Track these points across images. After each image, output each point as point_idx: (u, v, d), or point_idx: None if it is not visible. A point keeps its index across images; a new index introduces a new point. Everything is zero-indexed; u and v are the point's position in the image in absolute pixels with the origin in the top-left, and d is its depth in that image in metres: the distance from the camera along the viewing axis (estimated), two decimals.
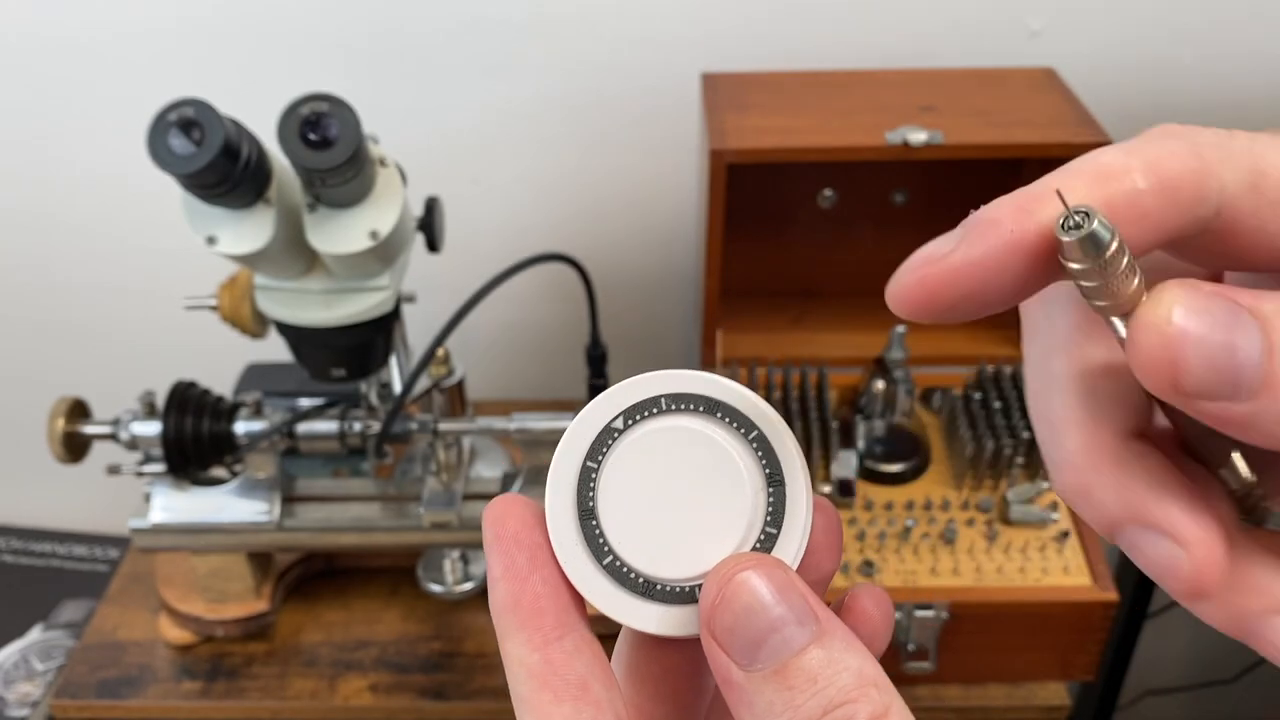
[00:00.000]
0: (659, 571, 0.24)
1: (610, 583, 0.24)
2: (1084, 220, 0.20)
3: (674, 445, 0.25)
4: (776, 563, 0.23)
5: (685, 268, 1.07)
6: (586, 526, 0.25)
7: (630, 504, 0.25)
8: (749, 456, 0.25)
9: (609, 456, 0.25)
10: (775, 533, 0.25)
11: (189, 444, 0.81)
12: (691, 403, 0.25)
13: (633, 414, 0.25)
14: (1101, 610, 0.78)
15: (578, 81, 0.97)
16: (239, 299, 0.77)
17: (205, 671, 0.87)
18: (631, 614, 0.24)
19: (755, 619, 0.22)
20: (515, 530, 0.25)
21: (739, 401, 0.25)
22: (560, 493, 0.25)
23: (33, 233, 1.05)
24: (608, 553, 0.25)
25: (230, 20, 0.94)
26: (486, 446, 0.94)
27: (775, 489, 0.25)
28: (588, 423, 0.25)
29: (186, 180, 0.63)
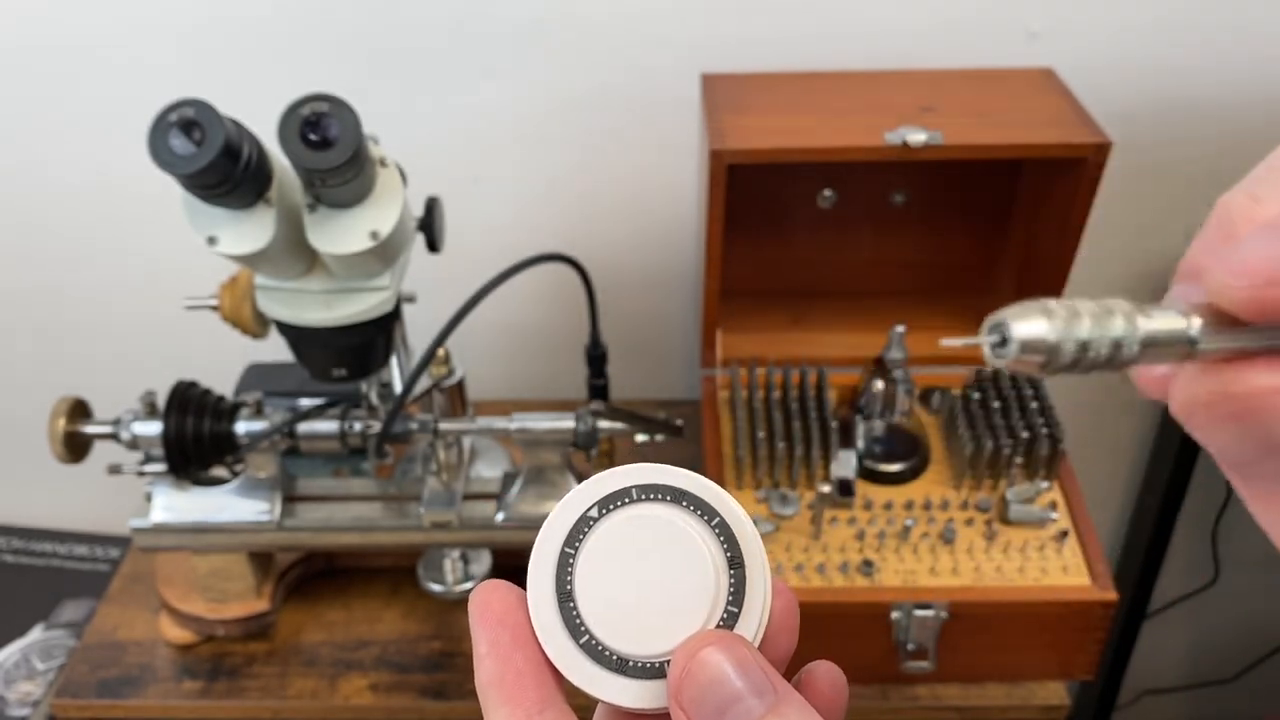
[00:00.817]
0: (631, 649, 0.26)
1: (587, 660, 0.26)
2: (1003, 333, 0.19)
3: (644, 531, 0.27)
4: (737, 638, 0.25)
5: (685, 268, 1.07)
6: (564, 608, 0.27)
7: (604, 586, 0.27)
8: (712, 541, 0.27)
9: (585, 543, 0.27)
10: (737, 611, 0.26)
11: (190, 444, 0.81)
12: (660, 492, 0.27)
13: (606, 503, 0.27)
14: (1100, 610, 0.78)
15: (578, 81, 0.97)
16: (240, 299, 0.77)
17: (206, 671, 0.87)
18: (607, 689, 0.26)
19: (717, 691, 0.24)
20: (500, 611, 0.27)
21: (702, 490, 0.27)
22: (540, 577, 0.27)
23: (34, 233, 1.05)
24: (584, 632, 0.26)
25: (231, 21, 0.94)
26: (486, 446, 0.95)
27: (736, 571, 0.27)
28: (566, 511, 0.27)
29: (187, 180, 0.63)
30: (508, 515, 0.85)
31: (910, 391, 0.89)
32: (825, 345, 0.96)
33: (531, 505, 0.85)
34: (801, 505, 0.84)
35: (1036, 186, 0.92)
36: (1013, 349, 0.19)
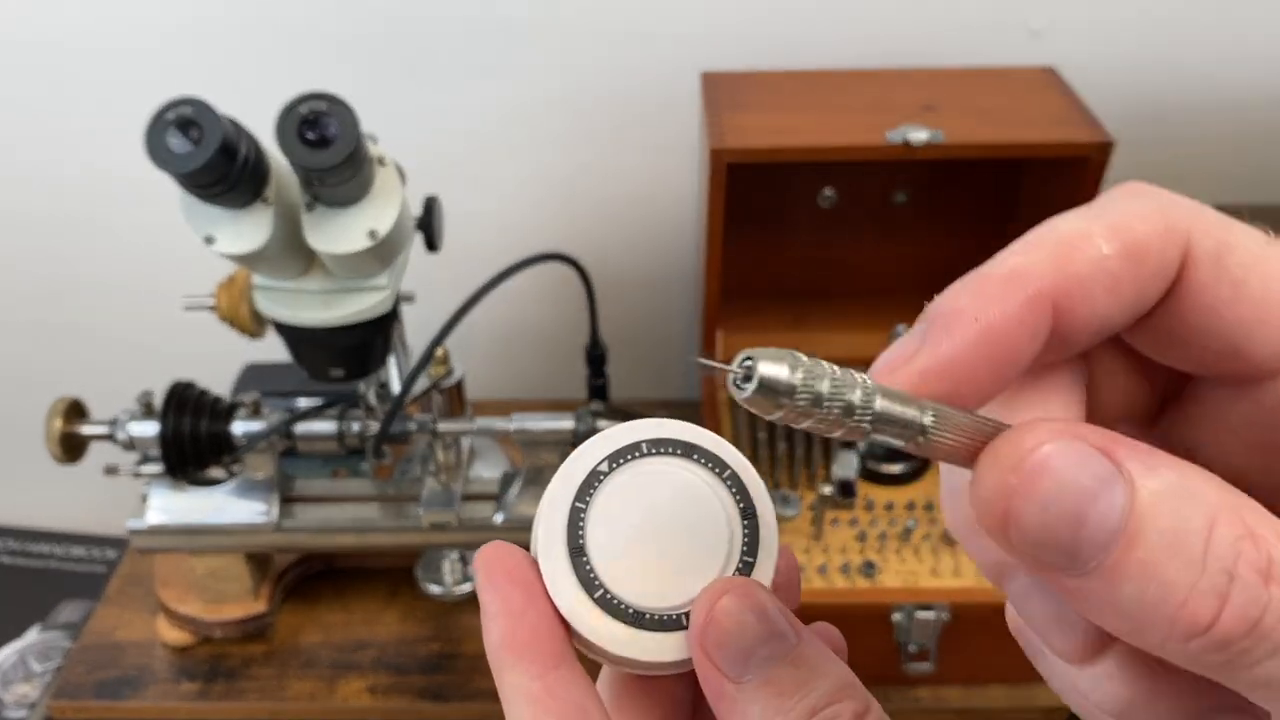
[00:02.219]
0: (648, 602, 0.26)
1: (603, 615, 0.26)
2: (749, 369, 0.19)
3: (656, 485, 0.27)
4: (757, 584, 0.25)
5: (685, 268, 1.07)
6: (577, 563, 0.26)
7: (618, 540, 0.26)
8: (725, 493, 0.27)
9: (596, 497, 0.27)
10: (752, 560, 0.26)
11: (187, 444, 0.81)
12: (670, 446, 0.27)
13: (617, 458, 0.27)
14: None
15: (578, 81, 0.97)
16: (237, 299, 0.77)
17: (203, 672, 0.87)
18: (623, 644, 0.26)
19: (742, 634, 0.24)
20: (509, 569, 0.26)
21: (713, 445, 0.27)
22: (551, 532, 0.26)
23: (30, 232, 1.05)
24: (598, 586, 0.26)
25: (229, 19, 0.94)
26: (486, 447, 0.94)
27: (749, 521, 0.27)
28: (575, 466, 0.27)
29: (184, 179, 0.63)
30: (507, 516, 0.84)
31: None
32: (825, 345, 0.96)
33: (531, 506, 0.84)
34: (802, 506, 0.84)
35: (1038, 185, 0.91)
36: (752, 386, 0.19)
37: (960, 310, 0.20)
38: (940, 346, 0.20)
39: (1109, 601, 0.17)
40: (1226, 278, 0.20)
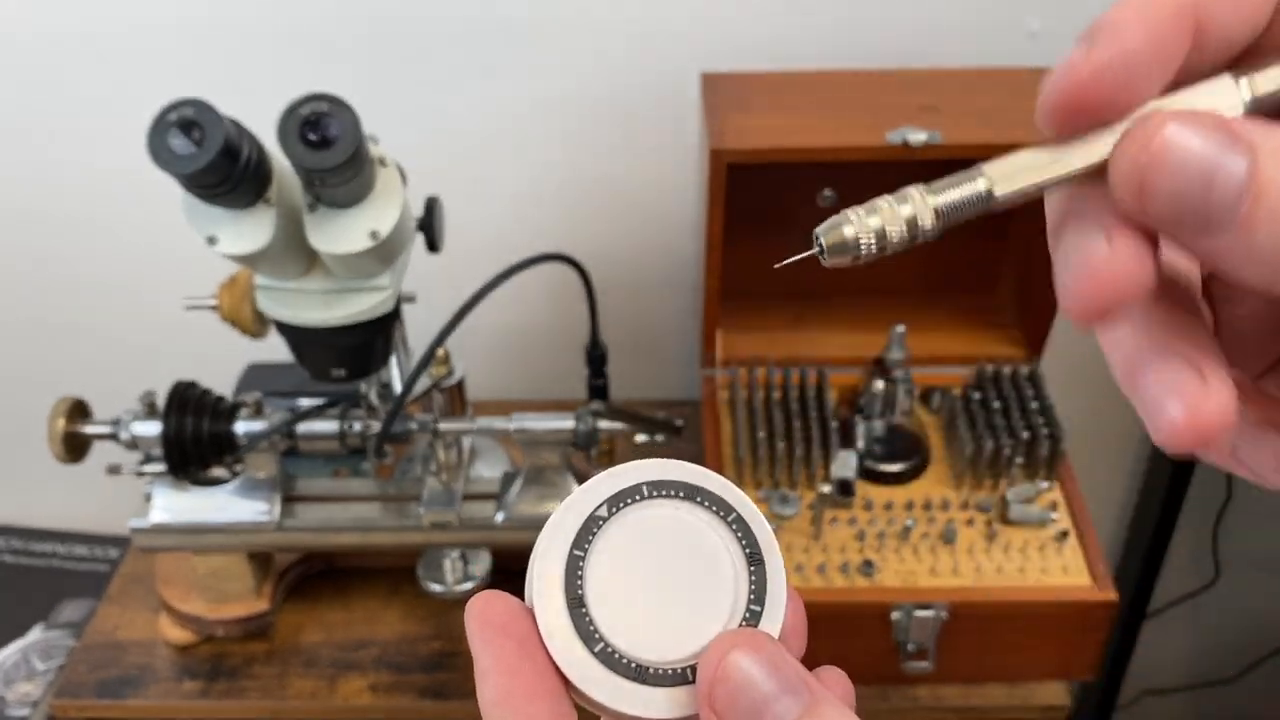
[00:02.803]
0: (650, 655, 0.25)
1: (604, 670, 0.25)
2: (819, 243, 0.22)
3: (658, 530, 0.26)
4: (767, 637, 0.24)
5: (685, 268, 1.07)
6: (576, 615, 0.25)
7: (618, 590, 0.25)
8: (729, 538, 0.26)
9: (595, 544, 0.25)
10: (759, 610, 0.25)
11: (189, 444, 0.81)
12: (672, 489, 0.26)
13: (616, 501, 0.26)
14: (1101, 610, 0.78)
15: (578, 81, 0.97)
16: (239, 299, 0.77)
17: (205, 671, 0.87)
18: (627, 700, 0.25)
19: (752, 692, 0.23)
20: (502, 621, 0.25)
21: (718, 487, 0.26)
22: (548, 581, 0.25)
23: (33, 232, 1.05)
24: (599, 640, 0.25)
25: (231, 20, 0.94)
26: (486, 446, 0.94)
27: (756, 568, 0.26)
28: (572, 512, 0.26)
29: (187, 180, 0.63)
30: (507, 515, 0.85)
31: (910, 391, 0.89)
32: (825, 345, 0.96)
33: (531, 505, 0.85)
34: (802, 505, 0.84)
35: None
36: (827, 258, 0.23)
37: (1126, 19, 0.21)
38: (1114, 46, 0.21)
39: (1247, 254, 0.19)
40: None
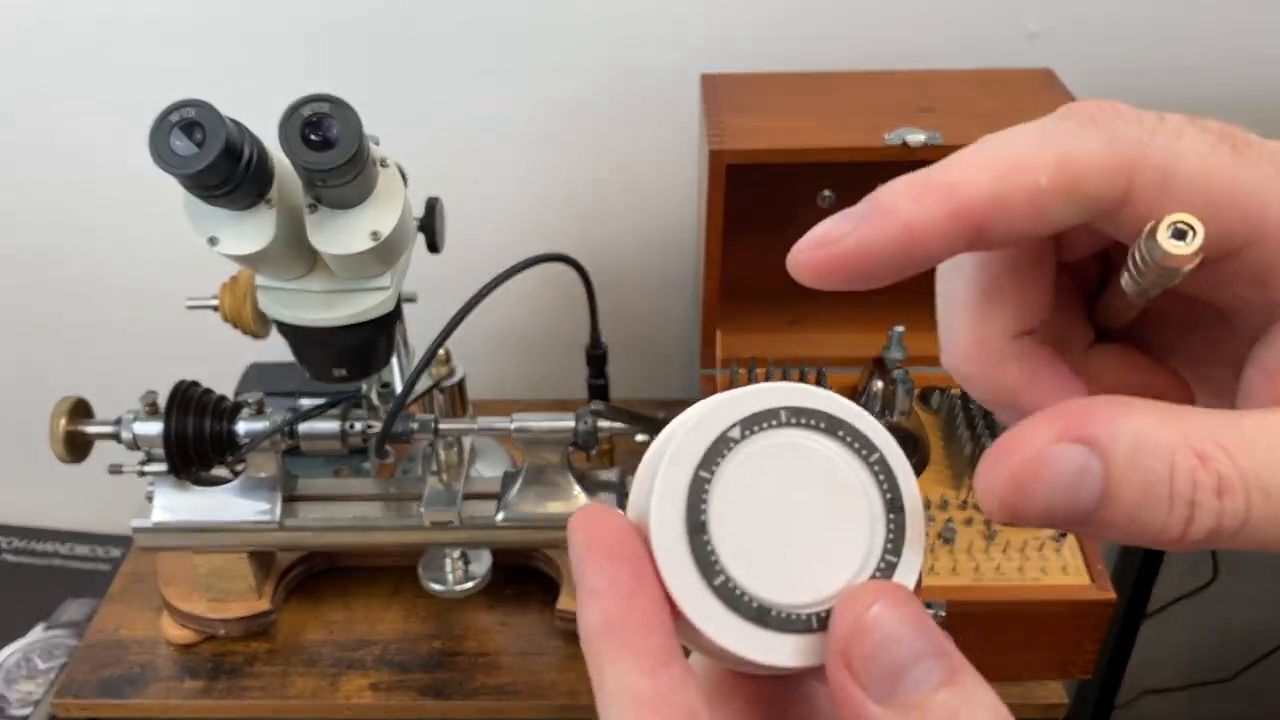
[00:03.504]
0: (773, 596, 0.22)
1: (721, 606, 0.22)
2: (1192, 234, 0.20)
3: (794, 461, 0.23)
4: (910, 594, 0.22)
5: (685, 268, 1.07)
6: (696, 542, 0.22)
7: (744, 521, 0.23)
8: (869, 480, 0.24)
9: (724, 467, 0.23)
10: (895, 561, 0.23)
11: (191, 444, 0.81)
12: (812, 418, 0.23)
13: (750, 424, 0.23)
14: (1099, 609, 0.78)
15: (578, 81, 0.97)
16: (240, 299, 0.77)
17: (207, 670, 0.87)
18: (744, 642, 0.22)
19: (895, 651, 0.21)
20: (615, 541, 0.22)
21: (861, 423, 0.24)
22: (670, 503, 0.22)
23: (34, 232, 1.05)
24: (719, 573, 0.22)
25: (232, 21, 0.94)
26: (487, 446, 0.95)
27: (895, 516, 0.23)
28: (701, 428, 0.23)
29: (188, 181, 0.63)
30: (508, 515, 0.85)
31: (909, 391, 0.89)
32: (825, 345, 0.96)
33: (532, 505, 0.85)
34: None
35: None
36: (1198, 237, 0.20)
37: (896, 209, 0.22)
38: (867, 235, 0.22)
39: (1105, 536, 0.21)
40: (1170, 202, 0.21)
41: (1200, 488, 0.20)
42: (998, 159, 0.22)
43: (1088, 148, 0.21)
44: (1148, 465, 0.20)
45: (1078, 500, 0.21)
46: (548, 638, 0.89)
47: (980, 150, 0.22)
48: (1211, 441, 0.20)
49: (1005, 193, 0.21)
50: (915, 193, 0.22)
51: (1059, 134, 0.22)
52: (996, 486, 0.21)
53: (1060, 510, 0.21)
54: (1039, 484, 0.21)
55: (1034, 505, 0.21)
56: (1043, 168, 0.21)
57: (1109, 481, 0.20)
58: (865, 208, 0.22)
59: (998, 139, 0.22)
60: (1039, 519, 0.21)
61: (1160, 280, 0.21)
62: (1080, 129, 0.22)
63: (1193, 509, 0.20)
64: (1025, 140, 0.22)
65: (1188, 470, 0.20)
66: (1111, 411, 0.21)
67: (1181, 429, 0.20)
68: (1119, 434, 0.20)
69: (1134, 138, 0.21)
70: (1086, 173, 0.21)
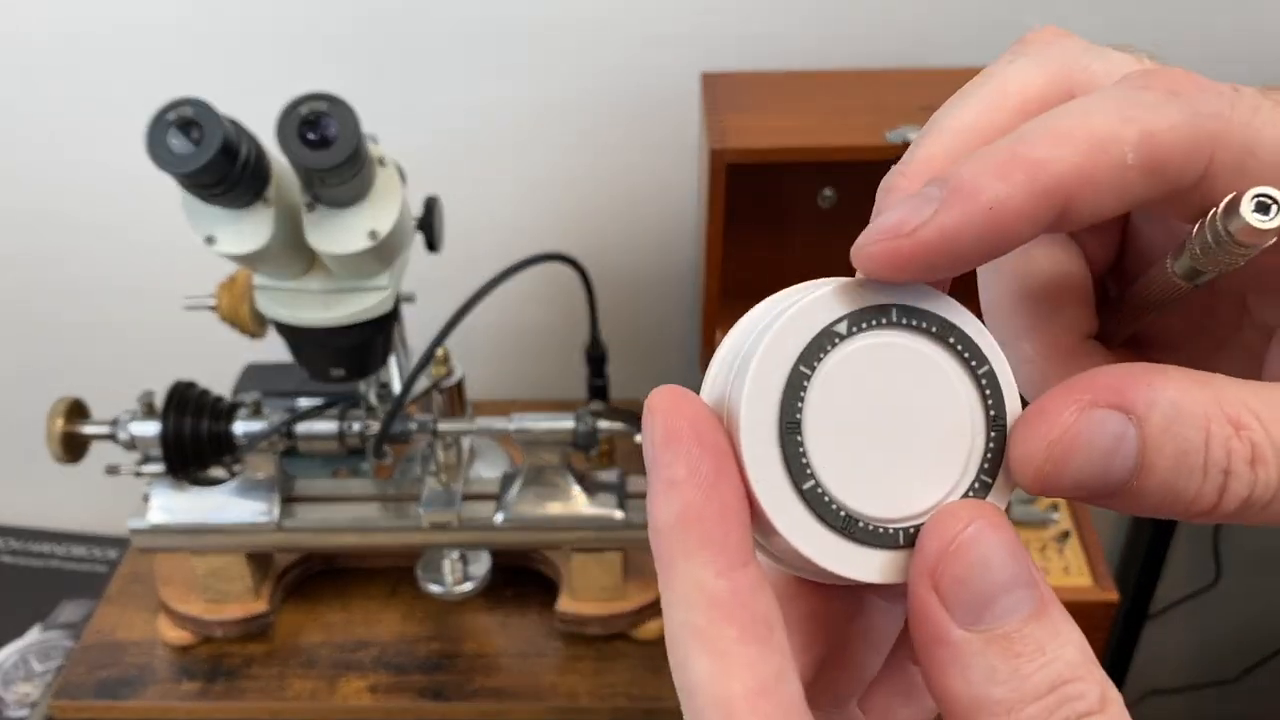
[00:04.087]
0: (862, 506, 0.21)
1: (806, 512, 0.21)
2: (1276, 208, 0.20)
3: (900, 364, 0.21)
4: (1005, 518, 0.21)
5: (685, 268, 1.07)
6: (788, 441, 0.21)
7: (842, 424, 0.21)
8: (974, 392, 0.22)
9: (825, 364, 0.21)
10: (989, 482, 0.22)
11: (188, 444, 0.81)
12: (925, 320, 0.22)
13: (859, 320, 0.21)
14: (1103, 610, 0.78)
15: (578, 81, 0.97)
16: (238, 299, 0.77)
17: (204, 672, 0.87)
18: (827, 552, 0.21)
19: (989, 576, 0.20)
20: (697, 428, 0.21)
21: (974, 331, 0.22)
22: (763, 396, 0.21)
23: (31, 232, 1.05)
24: (809, 476, 0.21)
25: (229, 19, 0.94)
26: (486, 447, 0.94)
27: (997, 434, 0.22)
28: (805, 318, 0.21)
29: (185, 180, 0.63)
30: (507, 516, 0.84)
31: None
32: None
33: (531, 506, 0.85)
34: None
35: None
36: None
37: (979, 190, 0.20)
38: (950, 222, 0.20)
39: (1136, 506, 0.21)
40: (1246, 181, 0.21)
41: (1235, 456, 0.20)
42: (1084, 133, 0.20)
43: (1171, 122, 0.20)
44: (1183, 434, 0.20)
45: (1112, 469, 0.20)
46: (547, 639, 0.88)
47: (1061, 123, 0.21)
48: (1245, 409, 0.20)
49: (1094, 169, 0.20)
50: (1000, 170, 0.20)
51: (1142, 106, 0.20)
52: (1034, 456, 0.21)
53: (1095, 479, 0.20)
54: (1075, 453, 0.20)
55: (1069, 474, 0.20)
56: (1128, 142, 0.20)
57: (1144, 450, 0.20)
58: (940, 190, 0.20)
59: (1076, 110, 0.21)
60: (1072, 489, 0.21)
61: (1229, 260, 0.20)
62: (1163, 102, 0.21)
63: (1226, 478, 0.20)
64: (1107, 112, 0.20)
65: (1223, 439, 0.20)
66: (1149, 378, 0.20)
67: (1215, 396, 0.20)
68: (1155, 401, 0.20)
69: (1216, 112, 0.20)
70: (1170, 150, 0.20)
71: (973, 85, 0.24)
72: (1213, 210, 0.20)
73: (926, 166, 0.23)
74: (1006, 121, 0.22)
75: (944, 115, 0.24)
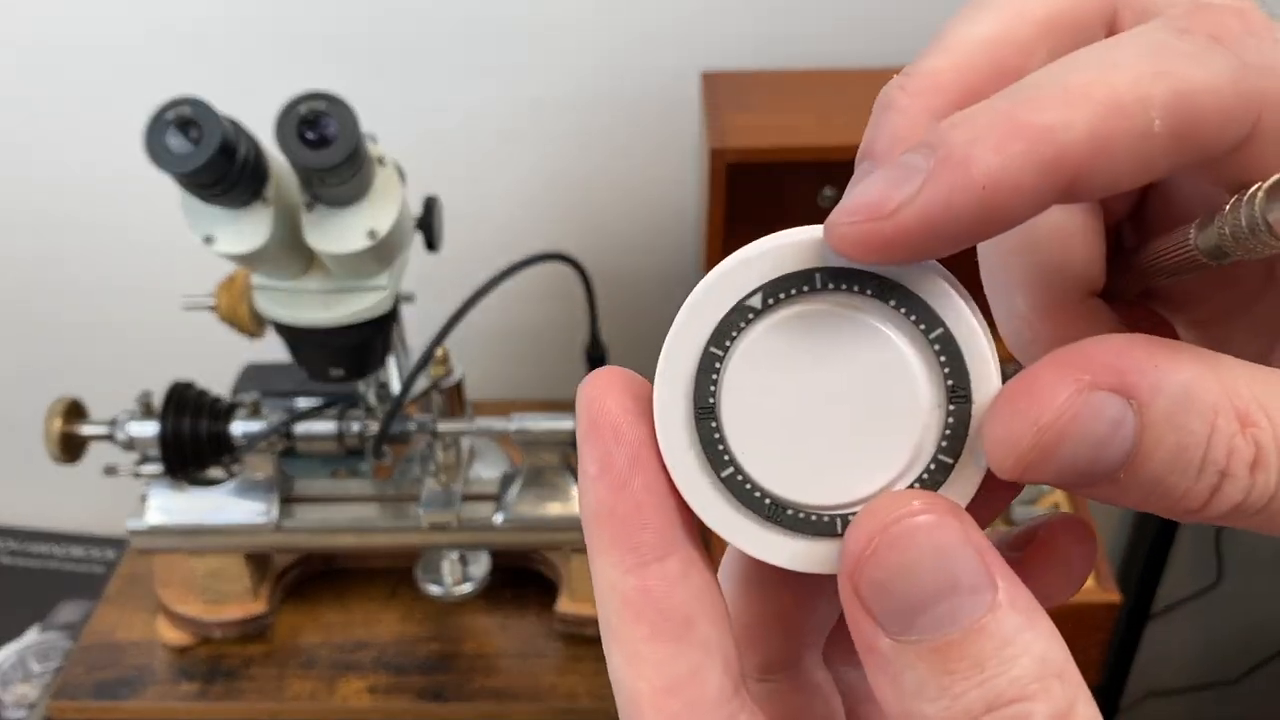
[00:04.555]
0: (791, 493, 0.19)
1: (728, 499, 0.20)
2: None
3: (829, 336, 0.19)
4: (951, 508, 0.18)
5: (685, 268, 1.07)
6: (703, 427, 0.20)
7: (763, 406, 0.19)
8: (928, 360, 0.19)
9: (740, 342, 0.19)
10: (950, 462, 0.19)
11: (187, 444, 0.81)
12: (857, 282, 0.19)
13: (776, 289, 0.19)
14: (1104, 611, 0.78)
15: (578, 81, 0.97)
16: (237, 299, 0.77)
17: (203, 673, 0.87)
18: (750, 539, 0.20)
19: (917, 580, 0.17)
20: (616, 419, 0.19)
21: (922, 287, 0.19)
22: (673, 382, 0.20)
23: (29, 232, 1.05)
24: (728, 462, 0.20)
25: (228, 19, 0.94)
26: (486, 447, 0.94)
27: (958, 406, 0.19)
28: (715, 296, 0.19)
29: (184, 179, 0.63)
30: (507, 516, 0.84)
31: None
32: None
33: (531, 507, 0.84)
34: None
35: None
36: None
37: (971, 161, 0.17)
38: (935, 201, 0.17)
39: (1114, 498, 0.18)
40: None
41: (1236, 458, 0.17)
42: (1103, 91, 0.17)
43: (1211, 79, 0.17)
44: (1188, 425, 0.17)
45: (1101, 459, 0.17)
46: (547, 640, 0.88)
47: (1077, 76, 0.17)
48: (1256, 403, 0.17)
49: (1110, 138, 0.17)
50: (997, 138, 0.17)
51: (1176, 56, 0.17)
52: (1018, 441, 0.18)
53: (1081, 469, 0.18)
54: (1067, 439, 0.17)
55: (1053, 463, 0.18)
56: (1156, 103, 0.17)
57: (1141, 440, 0.17)
58: (926, 159, 0.17)
59: (1096, 59, 0.17)
60: (1053, 478, 0.18)
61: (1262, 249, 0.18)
62: (1202, 52, 0.17)
63: (1221, 480, 0.17)
64: (1133, 64, 0.17)
65: (1227, 436, 0.17)
66: (1155, 357, 0.17)
67: (1224, 385, 0.17)
68: (1162, 387, 0.17)
69: (1269, 65, 0.17)
70: (1207, 112, 0.17)
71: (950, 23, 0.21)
72: (1252, 189, 0.17)
73: (932, 83, 0.20)
74: (1029, 38, 0.19)
75: (957, 25, 0.20)
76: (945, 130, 0.17)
